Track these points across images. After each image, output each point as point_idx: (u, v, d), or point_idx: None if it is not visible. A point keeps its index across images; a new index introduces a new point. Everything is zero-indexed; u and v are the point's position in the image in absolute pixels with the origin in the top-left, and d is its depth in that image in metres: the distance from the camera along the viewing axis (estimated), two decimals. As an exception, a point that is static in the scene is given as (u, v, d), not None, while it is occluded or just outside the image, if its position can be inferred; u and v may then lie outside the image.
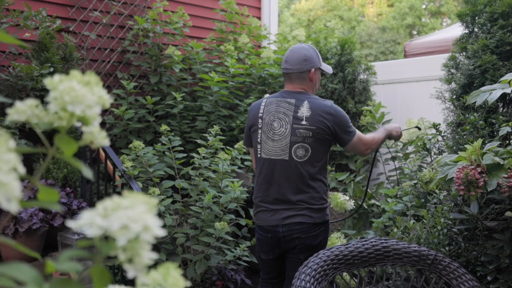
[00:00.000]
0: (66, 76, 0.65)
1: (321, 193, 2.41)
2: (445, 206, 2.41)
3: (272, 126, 2.42)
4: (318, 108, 2.38)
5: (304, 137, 2.35)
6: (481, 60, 2.84)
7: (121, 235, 0.52)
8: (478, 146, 1.95)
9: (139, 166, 3.31)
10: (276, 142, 2.40)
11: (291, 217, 2.37)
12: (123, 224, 0.52)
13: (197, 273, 3.23)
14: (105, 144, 0.68)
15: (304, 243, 2.37)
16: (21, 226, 2.94)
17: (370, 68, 4.68)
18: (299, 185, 2.37)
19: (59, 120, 0.66)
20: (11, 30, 3.56)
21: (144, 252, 0.55)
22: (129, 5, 4.55)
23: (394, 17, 21.19)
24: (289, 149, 2.37)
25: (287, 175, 2.37)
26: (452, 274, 1.94)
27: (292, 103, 2.41)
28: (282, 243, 2.41)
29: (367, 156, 4.47)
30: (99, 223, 0.52)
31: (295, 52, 2.48)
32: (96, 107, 0.66)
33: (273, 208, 2.41)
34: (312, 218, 2.36)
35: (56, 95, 0.64)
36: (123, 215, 0.52)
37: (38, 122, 0.65)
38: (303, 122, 2.36)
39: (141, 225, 0.53)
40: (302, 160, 2.36)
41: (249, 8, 5.29)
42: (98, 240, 0.53)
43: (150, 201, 0.57)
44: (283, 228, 2.38)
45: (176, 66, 4.29)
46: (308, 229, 2.36)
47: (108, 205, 0.55)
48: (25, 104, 0.64)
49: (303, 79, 2.47)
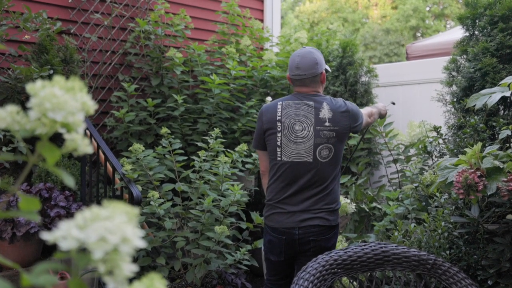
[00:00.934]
0: (48, 82, 0.64)
1: (336, 194, 2.47)
2: (446, 210, 2.39)
3: (294, 129, 2.43)
4: (336, 109, 2.46)
5: (328, 137, 2.41)
6: (481, 63, 2.82)
7: (98, 248, 0.50)
8: (478, 150, 1.93)
9: (139, 169, 3.30)
10: (299, 144, 2.41)
11: (309, 219, 2.39)
12: (101, 236, 0.50)
13: (197, 277, 3.21)
14: (88, 151, 0.66)
15: (319, 245, 2.39)
16: (19, 230, 2.93)
17: (371, 70, 4.66)
18: (319, 187, 2.41)
19: (41, 127, 0.64)
20: (10, 32, 3.56)
21: (124, 264, 0.54)
22: (130, 7, 4.55)
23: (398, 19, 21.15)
24: (313, 151, 2.40)
25: (310, 177, 2.40)
26: (452, 279, 1.92)
27: (311, 105, 2.45)
28: (296, 245, 2.43)
29: (369, 159, 4.45)
30: (75, 235, 0.50)
31: (306, 58, 2.49)
32: (79, 114, 0.65)
33: (291, 210, 2.42)
34: (328, 221, 2.40)
35: (37, 101, 0.62)
36: (100, 227, 0.51)
37: (19, 129, 0.64)
38: (326, 123, 2.41)
39: (119, 236, 0.51)
40: (325, 161, 2.41)
41: (251, 10, 5.28)
42: (74, 252, 0.51)
43: (131, 211, 0.56)
44: (300, 230, 2.40)
45: (177, 69, 4.28)
46: (324, 232, 2.40)
47: (87, 215, 0.54)
48: (5, 111, 0.63)
49: (316, 82, 2.51)
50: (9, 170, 3.40)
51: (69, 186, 3.12)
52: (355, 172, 4.44)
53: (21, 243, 3.03)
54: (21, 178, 0.65)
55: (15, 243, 2.99)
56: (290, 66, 2.52)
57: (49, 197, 3.13)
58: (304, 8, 23.62)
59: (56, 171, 0.63)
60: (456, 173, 1.90)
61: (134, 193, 3.05)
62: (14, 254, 3.05)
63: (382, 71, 4.83)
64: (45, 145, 0.64)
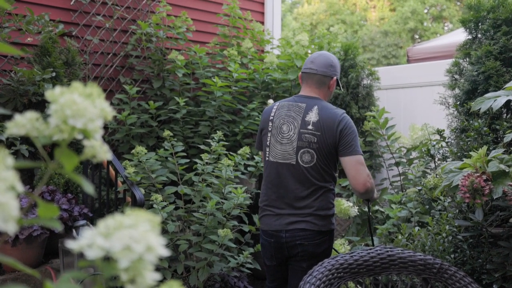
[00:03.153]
0: (67, 88, 0.64)
1: (327, 201, 2.37)
2: (449, 213, 2.39)
3: (281, 129, 2.40)
4: (326, 114, 2.35)
5: (310, 142, 2.33)
6: (484, 66, 2.83)
7: (124, 257, 0.50)
8: (483, 153, 1.93)
9: (142, 172, 3.29)
10: (284, 145, 2.38)
11: (296, 223, 2.34)
12: (126, 245, 0.50)
13: (200, 281, 3.20)
14: (107, 158, 0.66)
15: (307, 250, 2.34)
16: (22, 233, 2.92)
17: (373, 73, 4.66)
18: (305, 190, 2.34)
19: (59, 133, 0.64)
20: (13, 35, 3.55)
21: (147, 272, 0.53)
22: (132, 9, 4.55)
23: (396, 21, 21.19)
24: (296, 154, 2.35)
25: (294, 180, 2.35)
26: (458, 283, 1.91)
27: (302, 107, 2.39)
28: (284, 249, 2.38)
29: (371, 162, 4.45)
30: (101, 243, 0.50)
31: (323, 56, 2.48)
32: (98, 120, 0.65)
33: (278, 213, 2.39)
34: (317, 226, 2.33)
35: (57, 108, 0.62)
36: (125, 235, 0.51)
37: (38, 135, 0.63)
38: (309, 127, 2.34)
39: (144, 245, 0.51)
40: (308, 166, 2.33)
41: (252, 13, 5.28)
42: (99, 261, 0.51)
43: (154, 219, 0.55)
44: (287, 233, 2.35)
45: (179, 71, 4.28)
46: (312, 237, 2.33)
47: (110, 223, 0.53)
48: (25, 118, 0.62)
49: (322, 84, 2.44)
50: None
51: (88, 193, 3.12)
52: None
53: (23, 246, 3.02)
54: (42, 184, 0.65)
55: (18, 246, 2.98)
56: (306, 61, 2.50)
57: (52, 200, 3.12)
58: (303, 10, 23.66)
59: (75, 178, 0.63)
60: (462, 177, 1.90)
61: (137, 196, 3.04)
62: (17, 257, 3.04)
63: (383, 74, 4.83)
64: (64, 152, 0.64)
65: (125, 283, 0.53)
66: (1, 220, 0.49)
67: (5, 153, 0.53)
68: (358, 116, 4.53)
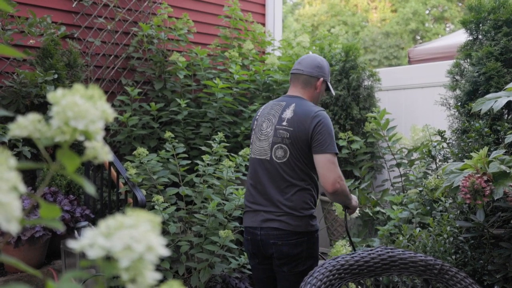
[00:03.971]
0: (69, 90, 0.64)
1: (302, 201, 2.31)
2: (451, 214, 2.39)
3: (262, 127, 2.43)
4: (301, 111, 2.34)
5: (283, 137, 2.32)
6: (485, 67, 2.83)
7: (124, 256, 0.50)
8: (484, 154, 1.93)
9: (143, 173, 3.30)
10: (261, 142, 2.40)
11: (269, 221, 2.31)
12: (126, 245, 0.51)
13: (201, 282, 3.21)
14: (108, 159, 0.67)
15: (281, 250, 2.29)
16: (24, 234, 2.93)
17: (374, 74, 4.67)
18: (279, 188, 2.32)
19: (61, 135, 0.65)
20: (16, 37, 3.57)
21: (148, 272, 0.54)
22: (133, 11, 4.56)
23: (398, 22, 21.18)
24: (270, 149, 2.35)
25: (269, 176, 2.34)
26: (459, 284, 1.92)
27: (282, 105, 2.41)
28: (260, 247, 2.35)
29: (372, 163, 4.45)
30: (102, 243, 0.50)
31: (311, 57, 2.50)
32: (99, 122, 0.65)
33: (255, 209, 2.37)
34: (291, 226, 2.28)
35: (59, 110, 0.62)
36: (126, 235, 0.51)
37: (40, 137, 0.64)
38: (284, 123, 2.34)
39: (144, 245, 0.51)
40: (281, 161, 2.32)
41: (254, 14, 5.29)
42: (100, 260, 0.51)
43: (154, 219, 0.56)
44: (261, 231, 2.32)
45: (180, 73, 4.29)
46: (286, 236, 2.28)
47: (111, 223, 0.54)
48: (27, 119, 0.63)
49: (308, 84, 2.45)
50: (14, 174, 3.40)
51: (90, 194, 3.13)
52: (358, 176, 4.44)
53: (26, 247, 3.03)
54: (44, 185, 0.66)
55: (20, 247, 2.99)
56: (295, 63, 2.54)
57: (54, 201, 3.13)
58: (304, 11, 23.67)
59: (77, 179, 0.64)
60: (463, 178, 1.90)
61: (138, 197, 3.05)
62: (19, 258, 3.05)
63: (384, 75, 4.84)
64: (66, 153, 0.64)
65: (126, 282, 0.54)
66: (4, 220, 0.49)
67: (7, 154, 0.53)
68: (359, 117, 4.54)
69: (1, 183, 0.50)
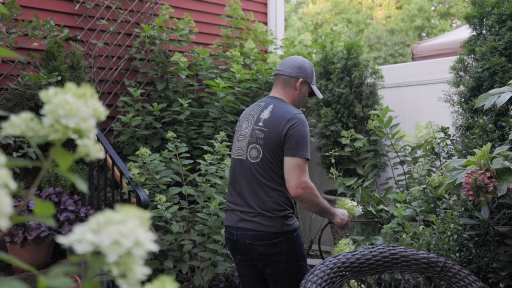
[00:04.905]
0: (61, 89, 0.65)
1: (275, 203, 2.28)
2: (455, 211, 2.38)
3: (242, 127, 2.44)
4: (278, 112, 2.33)
5: (257, 138, 2.32)
6: (489, 62, 2.81)
7: (112, 251, 0.51)
8: (487, 150, 1.92)
9: (146, 173, 3.32)
10: (240, 142, 2.41)
11: (244, 221, 2.30)
12: (114, 240, 0.51)
13: (205, 280, 3.21)
14: (100, 156, 0.67)
15: (257, 250, 2.28)
16: (30, 234, 2.95)
17: (377, 71, 4.65)
18: (253, 188, 2.31)
19: (54, 133, 0.65)
20: (20, 40, 3.59)
21: (137, 267, 0.54)
22: (135, 13, 4.57)
23: (403, 19, 21.11)
24: (246, 149, 2.35)
25: (244, 176, 2.34)
26: (462, 282, 1.91)
27: (261, 106, 2.41)
28: (238, 246, 2.36)
29: (375, 161, 4.43)
30: (90, 238, 0.51)
31: (292, 58, 2.50)
32: (91, 120, 0.66)
33: (233, 208, 2.38)
34: (264, 226, 2.26)
35: (51, 108, 0.63)
36: (114, 230, 0.52)
37: (33, 135, 0.65)
38: (260, 123, 2.34)
39: (132, 240, 0.52)
40: (254, 161, 2.31)
41: (255, 13, 5.30)
42: (89, 255, 0.52)
43: (144, 214, 0.56)
44: (238, 231, 2.32)
45: (182, 73, 4.30)
46: (260, 237, 2.26)
47: (101, 219, 0.54)
48: (19, 118, 0.64)
49: (288, 85, 2.43)
50: (20, 175, 3.43)
51: (82, 191, 3.14)
52: (362, 174, 4.43)
53: (32, 247, 3.05)
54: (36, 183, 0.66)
55: (26, 246, 3.01)
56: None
57: (59, 202, 3.15)
58: (308, 10, 23.64)
59: (69, 176, 0.64)
60: (465, 174, 1.89)
61: (141, 197, 3.06)
62: (25, 257, 3.07)
63: (387, 72, 4.82)
64: (58, 151, 0.65)
65: (116, 277, 0.54)
66: (-7, 216, 0.50)
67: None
68: (362, 115, 4.52)
69: (-11, 180, 0.50)
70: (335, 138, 4.56)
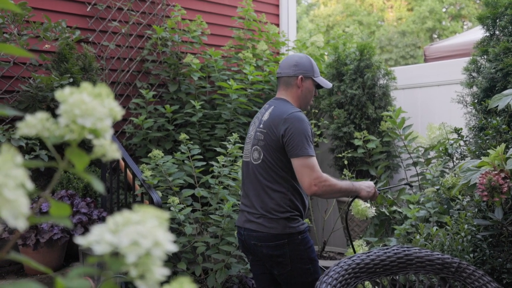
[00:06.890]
0: (76, 89, 0.65)
1: (277, 204, 2.27)
2: (468, 212, 2.35)
3: (249, 130, 2.50)
4: (276, 112, 2.33)
5: (258, 140, 2.35)
6: (503, 63, 2.78)
7: (131, 252, 0.50)
8: (501, 151, 1.90)
9: (159, 175, 3.32)
10: (247, 144, 2.46)
11: (249, 222, 2.33)
12: (133, 240, 0.51)
13: (218, 282, 3.21)
14: (116, 156, 0.67)
15: (261, 251, 2.29)
16: (42, 237, 2.97)
17: (389, 73, 4.62)
18: (256, 190, 2.34)
19: (70, 133, 0.65)
20: (31, 42, 3.62)
21: (156, 268, 0.54)
22: (147, 14, 4.60)
23: (414, 21, 20.98)
24: (250, 151, 2.40)
25: (249, 178, 2.39)
26: (477, 282, 1.88)
27: (265, 108, 2.44)
28: (246, 246, 2.40)
29: (388, 162, 4.40)
30: (109, 239, 0.50)
31: (288, 58, 2.50)
32: (107, 120, 0.65)
33: (242, 209, 2.43)
34: (266, 228, 2.26)
35: (67, 108, 0.63)
36: (133, 231, 0.51)
37: (49, 135, 0.65)
38: (261, 125, 2.37)
39: (151, 240, 0.51)
40: (256, 163, 2.34)
41: (267, 15, 5.29)
42: (108, 256, 0.51)
43: (162, 215, 0.56)
44: (244, 231, 2.36)
45: (194, 75, 4.31)
46: (264, 238, 2.27)
47: (119, 219, 0.54)
48: (35, 118, 0.64)
49: (289, 85, 2.43)
50: (32, 177, 3.45)
51: (98, 191, 3.16)
52: (374, 175, 4.41)
53: (44, 250, 3.07)
54: (52, 184, 0.66)
55: (39, 249, 3.03)
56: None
57: (71, 204, 3.17)
58: (319, 12, 23.60)
59: (85, 176, 0.64)
60: (480, 175, 1.87)
61: (154, 199, 3.07)
62: (38, 260, 3.09)
63: (400, 73, 4.79)
64: (74, 151, 0.65)
65: (134, 278, 0.54)
66: (12, 217, 0.50)
67: (14, 152, 0.54)
68: (374, 116, 4.50)
69: (8, 180, 0.50)
70: (348, 139, 4.54)
